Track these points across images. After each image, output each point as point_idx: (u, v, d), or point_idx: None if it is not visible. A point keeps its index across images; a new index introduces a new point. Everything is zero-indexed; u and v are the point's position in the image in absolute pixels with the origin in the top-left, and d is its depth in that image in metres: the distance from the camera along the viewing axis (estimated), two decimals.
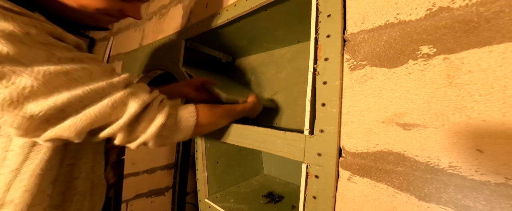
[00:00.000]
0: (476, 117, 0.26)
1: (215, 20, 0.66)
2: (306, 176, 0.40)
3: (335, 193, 0.37)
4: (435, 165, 0.28)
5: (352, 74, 0.37)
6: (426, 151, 0.29)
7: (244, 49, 0.92)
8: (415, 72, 0.30)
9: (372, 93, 0.34)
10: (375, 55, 0.34)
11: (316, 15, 0.42)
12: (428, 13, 0.30)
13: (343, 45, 0.38)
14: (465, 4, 0.27)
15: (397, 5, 0.33)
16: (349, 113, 0.36)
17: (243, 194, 0.78)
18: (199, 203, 0.76)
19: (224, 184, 0.81)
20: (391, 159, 0.32)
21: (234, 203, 0.72)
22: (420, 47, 0.30)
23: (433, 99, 0.29)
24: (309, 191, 0.40)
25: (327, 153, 0.38)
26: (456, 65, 0.27)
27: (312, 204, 0.39)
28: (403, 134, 0.31)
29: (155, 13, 1.03)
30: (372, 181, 0.33)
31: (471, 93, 0.26)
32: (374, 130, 0.33)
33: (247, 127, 0.52)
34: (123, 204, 1.34)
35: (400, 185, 0.31)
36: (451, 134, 0.27)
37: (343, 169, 0.37)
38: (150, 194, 1.48)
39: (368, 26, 0.35)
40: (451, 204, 0.27)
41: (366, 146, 0.34)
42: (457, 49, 0.27)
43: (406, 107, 0.31)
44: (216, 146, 0.79)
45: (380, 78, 0.33)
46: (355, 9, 0.37)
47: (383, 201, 0.32)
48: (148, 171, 1.47)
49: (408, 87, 0.31)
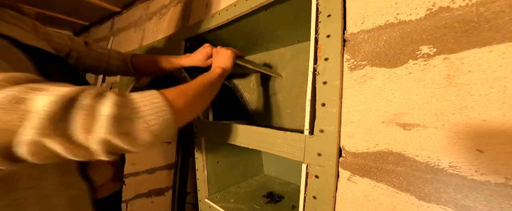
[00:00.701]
0: (476, 117, 0.26)
1: (215, 20, 0.66)
2: (306, 176, 0.40)
3: (335, 193, 0.37)
4: (435, 165, 0.28)
5: (352, 74, 0.37)
6: (426, 151, 0.29)
7: (244, 49, 0.92)
8: (415, 72, 0.30)
9: (372, 93, 0.34)
10: (375, 55, 0.34)
11: (316, 15, 0.42)
12: (428, 13, 0.30)
13: (343, 45, 0.38)
14: (465, 4, 0.27)
15: (397, 5, 0.33)
16: (349, 113, 0.36)
17: (243, 194, 0.78)
18: (199, 203, 0.76)
19: (224, 184, 0.81)
20: (391, 159, 0.32)
21: (234, 203, 0.72)
22: (420, 47, 0.30)
23: (433, 99, 0.29)
24: (309, 191, 0.40)
25: (327, 153, 0.38)
26: (456, 65, 0.27)
27: (312, 204, 0.39)
28: (403, 134, 0.31)
29: (155, 13, 1.03)
30: (372, 181, 0.33)
31: (471, 93, 0.26)
32: (374, 130, 0.33)
33: (247, 127, 0.52)
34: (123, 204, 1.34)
35: (400, 185, 0.31)
36: (451, 134, 0.27)
37: (343, 169, 0.37)
38: (150, 194, 1.48)
39: (368, 26, 0.35)
40: (451, 204, 0.27)
41: (366, 146, 0.34)
42: (457, 49, 0.27)
43: (406, 107, 0.31)
44: (216, 146, 0.79)
45: (380, 78, 0.33)
46: (355, 9, 0.37)
47: (383, 201, 0.32)
48: (148, 171, 1.47)
49: (408, 87, 0.31)
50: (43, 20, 1.53)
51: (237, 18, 0.61)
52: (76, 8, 1.34)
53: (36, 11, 1.38)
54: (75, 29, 1.71)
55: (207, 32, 0.71)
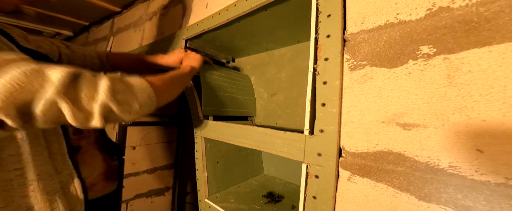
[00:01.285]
0: (476, 117, 0.26)
1: (215, 20, 0.66)
2: (306, 176, 0.40)
3: (335, 193, 0.37)
4: (435, 165, 0.28)
5: (352, 74, 0.37)
6: (426, 151, 0.29)
7: (244, 49, 0.92)
8: (415, 72, 0.30)
9: (372, 93, 0.34)
10: (375, 55, 0.34)
11: (316, 15, 0.42)
12: (428, 13, 0.30)
13: (343, 45, 0.38)
14: (465, 4, 0.27)
15: (397, 5, 0.33)
16: (349, 113, 0.36)
17: (243, 194, 0.78)
18: (199, 203, 0.76)
19: (224, 184, 0.81)
20: (391, 159, 0.32)
21: (234, 203, 0.72)
22: (420, 47, 0.30)
23: (433, 99, 0.29)
24: (309, 191, 0.40)
25: (327, 153, 0.38)
26: (456, 65, 0.27)
27: (312, 204, 0.40)
28: (403, 134, 0.31)
29: (155, 13, 1.03)
30: (372, 181, 0.33)
31: (471, 93, 0.26)
32: (374, 130, 0.33)
33: (247, 127, 0.52)
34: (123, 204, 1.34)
35: (400, 185, 0.31)
36: (451, 134, 0.27)
37: (343, 169, 0.37)
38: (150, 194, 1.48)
39: (368, 26, 0.35)
40: (451, 204, 0.27)
41: (366, 146, 0.34)
42: (457, 49, 0.27)
43: (406, 107, 0.31)
44: (216, 146, 0.79)
45: (380, 78, 0.33)
46: (355, 9, 0.37)
47: (383, 201, 0.32)
48: (148, 171, 1.47)
49: (408, 87, 0.31)
50: (43, 20, 1.53)
51: (237, 18, 0.61)
52: (76, 8, 1.35)
53: (36, 11, 1.38)
54: (75, 29, 1.71)
55: (207, 32, 0.71)
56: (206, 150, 0.76)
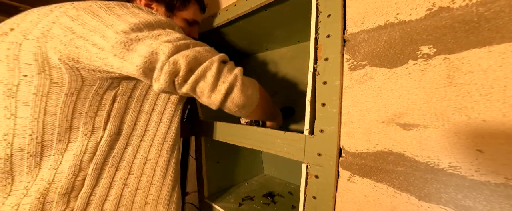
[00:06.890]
0: (476, 117, 0.26)
1: (215, 20, 0.66)
2: (306, 176, 0.40)
3: (335, 193, 0.37)
4: (435, 165, 0.28)
5: (352, 74, 0.37)
6: (426, 151, 0.29)
7: (244, 49, 0.92)
8: (415, 72, 0.30)
9: (372, 93, 0.34)
10: (375, 55, 0.34)
11: (316, 15, 0.42)
12: (428, 13, 0.30)
13: (343, 45, 0.38)
14: (465, 4, 0.27)
15: (397, 5, 0.33)
16: (349, 113, 0.36)
17: (243, 194, 0.78)
18: (199, 203, 0.76)
19: (224, 184, 0.81)
20: (391, 159, 0.32)
21: (234, 203, 0.72)
22: (420, 47, 0.30)
23: (433, 99, 0.29)
24: (309, 191, 0.40)
25: (327, 153, 0.38)
26: (456, 65, 0.27)
27: (312, 204, 0.40)
28: (403, 134, 0.31)
29: None
30: (372, 181, 0.33)
31: (471, 93, 0.26)
32: (374, 130, 0.33)
33: (247, 127, 0.52)
34: None
35: (400, 185, 0.31)
36: (451, 134, 0.27)
37: (343, 169, 0.37)
38: None
39: (368, 26, 0.35)
40: (451, 204, 0.27)
41: (366, 146, 0.34)
42: (457, 49, 0.27)
43: (406, 107, 0.31)
44: (216, 146, 0.79)
45: (380, 78, 0.33)
46: (355, 9, 0.37)
47: (383, 201, 0.32)
48: None
49: (408, 88, 0.31)
50: None
51: (237, 18, 0.61)
52: None
53: None
54: None
55: (207, 32, 0.71)
56: (206, 150, 0.76)
